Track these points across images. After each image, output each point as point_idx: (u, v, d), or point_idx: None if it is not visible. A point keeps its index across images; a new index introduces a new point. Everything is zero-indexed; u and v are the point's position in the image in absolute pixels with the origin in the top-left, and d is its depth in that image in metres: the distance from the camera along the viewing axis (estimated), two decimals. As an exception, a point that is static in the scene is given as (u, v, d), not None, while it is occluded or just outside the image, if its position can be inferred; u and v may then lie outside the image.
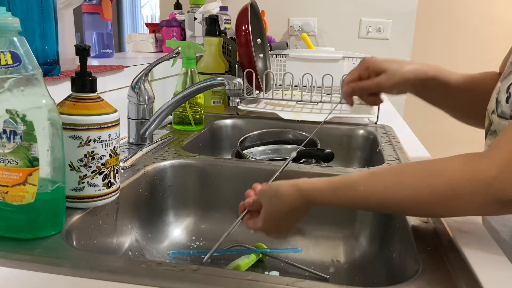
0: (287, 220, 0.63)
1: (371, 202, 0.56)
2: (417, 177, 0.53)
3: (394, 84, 0.75)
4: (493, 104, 0.63)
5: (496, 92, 0.62)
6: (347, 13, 1.87)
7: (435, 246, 0.55)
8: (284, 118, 1.22)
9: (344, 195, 0.57)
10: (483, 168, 0.49)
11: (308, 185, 0.60)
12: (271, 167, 0.86)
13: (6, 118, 0.49)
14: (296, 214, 0.62)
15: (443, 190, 0.50)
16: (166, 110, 0.89)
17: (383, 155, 0.95)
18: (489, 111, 0.65)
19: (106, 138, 0.60)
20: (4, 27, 0.48)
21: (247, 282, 0.46)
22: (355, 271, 0.75)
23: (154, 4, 5.92)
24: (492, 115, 0.62)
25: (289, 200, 0.60)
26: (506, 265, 0.51)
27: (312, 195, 0.59)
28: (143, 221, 0.78)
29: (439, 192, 0.51)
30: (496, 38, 2.71)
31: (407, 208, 0.55)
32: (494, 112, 0.62)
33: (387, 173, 0.57)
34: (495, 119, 0.61)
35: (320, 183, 0.59)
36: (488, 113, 0.65)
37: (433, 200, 0.52)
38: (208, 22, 1.26)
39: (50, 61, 0.74)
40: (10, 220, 0.52)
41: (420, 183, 0.52)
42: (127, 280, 0.46)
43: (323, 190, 0.59)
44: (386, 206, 0.56)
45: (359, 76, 0.78)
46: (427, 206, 0.53)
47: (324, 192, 0.58)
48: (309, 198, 0.59)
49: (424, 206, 0.53)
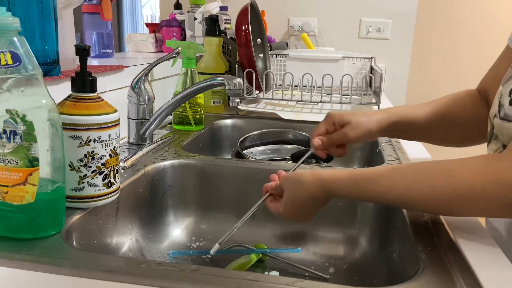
0: (307, 207, 0.64)
1: (389, 197, 0.57)
2: (437, 176, 0.54)
3: (358, 135, 0.78)
4: (495, 108, 0.63)
5: (498, 96, 0.63)
6: (347, 13, 1.87)
7: (435, 246, 0.55)
8: (284, 118, 1.22)
9: (363, 189, 0.59)
10: (503, 169, 0.49)
11: (329, 176, 0.61)
12: (271, 167, 0.86)
13: (6, 118, 0.49)
14: (316, 203, 0.64)
15: (462, 190, 0.51)
16: (166, 110, 0.89)
17: (383, 155, 0.95)
18: (491, 116, 0.65)
19: (106, 138, 0.60)
20: (4, 27, 0.48)
21: (247, 282, 0.46)
22: (355, 271, 0.75)
23: (154, 4, 5.93)
24: (494, 119, 0.63)
25: (311, 189, 0.62)
26: (506, 265, 0.51)
27: (332, 186, 0.61)
28: (143, 221, 0.78)
29: (458, 192, 0.51)
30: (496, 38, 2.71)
31: (426, 206, 0.56)
32: (496, 116, 0.62)
33: (408, 170, 0.57)
34: (497, 122, 0.61)
35: (341, 175, 0.61)
36: (490, 118, 0.65)
37: (452, 200, 0.52)
38: (208, 22, 1.26)
39: (50, 61, 0.74)
40: (10, 220, 0.52)
41: (439, 182, 0.53)
42: (127, 280, 0.46)
43: (343, 182, 0.60)
44: (404, 202, 0.57)
45: (326, 130, 0.81)
46: (446, 205, 0.53)
47: (344, 184, 0.60)
48: (329, 189, 0.61)
49: (442, 205, 0.53)
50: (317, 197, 0.63)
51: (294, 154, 1.04)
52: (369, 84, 1.49)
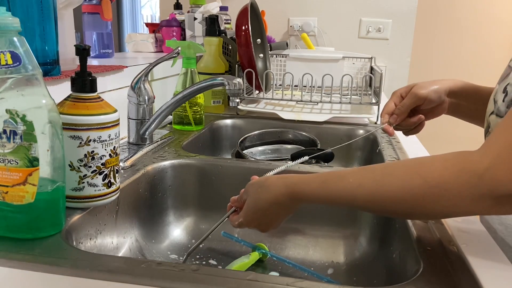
0: (270, 213, 0.61)
1: (359, 194, 0.54)
2: (407, 168, 0.52)
3: (428, 92, 0.76)
4: (491, 106, 0.63)
5: (494, 94, 0.63)
6: (347, 13, 1.87)
7: (435, 246, 0.55)
8: (284, 118, 1.22)
9: (331, 187, 0.56)
10: (475, 159, 0.48)
11: (296, 178, 0.59)
12: (271, 167, 0.86)
13: (6, 118, 0.49)
14: (280, 208, 0.60)
15: (433, 180, 0.49)
16: (166, 110, 0.89)
17: (383, 155, 0.95)
18: (487, 113, 0.65)
19: (106, 138, 0.60)
20: (4, 27, 0.48)
21: (247, 282, 0.46)
22: (355, 271, 0.75)
23: (154, 4, 5.92)
24: (491, 116, 0.63)
25: (275, 191, 0.59)
26: (506, 265, 0.51)
27: (299, 188, 0.58)
28: (143, 221, 0.78)
29: (430, 183, 0.49)
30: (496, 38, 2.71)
31: (397, 202, 0.52)
32: (493, 113, 0.62)
33: (378, 167, 0.56)
34: (493, 119, 0.62)
35: (309, 176, 0.58)
36: (487, 115, 0.65)
37: (424, 193, 0.50)
38: (208, 22, 1.26)
39: (50, 61, 0.74)
40: (10, 220, 0.52)
41: (410, 174, 0.51)
42: (127, 280, 0.46)
43: (310, 182, 0.58)
44: (375, 200, 0.54)
45: (394, 104, 0.80)
46: (418, 199, 0.50)
47: (311, 185, 0.57)
48: (295, 191, 0.58)
49: (414, 199, 0.51)
50: (281, 201, 0.59)
51: (294, 154, 1.04)
52: (369, 84, 1.49)
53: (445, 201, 0.49)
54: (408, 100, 0.77)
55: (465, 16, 2.72)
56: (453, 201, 0.49)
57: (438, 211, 0.52)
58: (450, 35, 2.73)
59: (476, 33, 2.72)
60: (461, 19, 2.72)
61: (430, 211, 0.52)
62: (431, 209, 0.51)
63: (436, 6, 2.70)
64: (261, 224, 0.64)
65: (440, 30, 2.74)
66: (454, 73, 2.69)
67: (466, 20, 2.72)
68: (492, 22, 2.70)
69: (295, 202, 0.59)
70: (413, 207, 0.52)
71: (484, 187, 0.47)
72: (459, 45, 2.73)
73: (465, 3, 2.72)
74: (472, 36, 2.72)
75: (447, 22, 2.73)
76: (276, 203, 0.60)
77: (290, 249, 0.82)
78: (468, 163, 0.48)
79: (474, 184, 0.47)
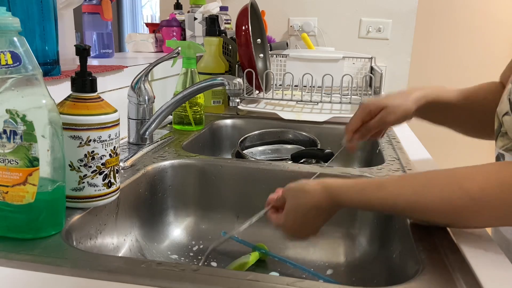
0: (310, 217, 0.61)
1: (398, 204, 0.54)
2: (449, 181, 0.51)
3: (397, 118, 0.75)
4: (504, 106, 0.62)
5: (507, 93, 0.61)
6: (347, 13, 1.87)
7: (435, 246, 0.55)
8: (284, 118, 1.22)
9: (370, 195, 0.56)
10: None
11: (335, 183, 0.59)
12: (271, 167, 0.86)
13: (6, 118, 0.49)
14: (320, 212, 0.60)
15: (475, 194, 0.48)
16: (166, 110, 0.89)
17: (383, 155, 0.95)
18: (499, 114, 0.64)
19: (106, 138, 0.60)
20: (4, 27, 0.48)
21: (247, 282, 0.46)
22: (355, 271, 0.75)
23: (154, 4, 5.92)
24: (505, 116, 0.61)
25: (315, 196, 0.59)
26: (506, 265, 0.50)
27: (338, 193, 0.58)
28: (143, 221, 0.78)
29: (471, 196, 0.49)
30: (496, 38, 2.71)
31: (437, 212, 0.53)
32: (507, 114, 0.61)
33: (417, 176, 0.56)
34: (507, 120, 0.60)
35: (347, 182, 0.58)
36: (498, 115, 0.64)
37: (464, 204, 0.49)
38: (208, 22, 1.26)
39: (50, 61, 0.74)
40: (10, 220, 0.52)
41: (451, 186, 0.51)
42: (127, 280, 0.46)
43: (349, 188, 0.58)
44: (414, 209, 0.54)
45: (361, 121, 0.78)
46: (458, 211, 0.50)
47: (350, 191, 0.58)
48: (335, 196, 0.58)
49: (454, 211, 0.51)
50: (321, 206, 0.59)
51: (294, 154, 1.04)
52: (369, 84, 1.49)
53: (486, 214, 0.49)
54: (375, 124, 0.77)
55: (465, 16, 2.72)
56: (495, 214, 0.49)
57: (480, 223, 0.53)
58: (450, 35, 2.73)
59: (476, 33, 2.72)
60: (461, 19, 2.72)
61: (471, 223, 0.53)
62: (473, 221, 0.52)
63: (436, 6, 2.70)
64: (301, 230, 0.63)
65: (440, 30, 2.74)
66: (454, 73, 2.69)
67: (466, 20, 2.72)
68: (492, 22, 2.70)
69: (334, 207, 0.59)
70: (454, 218, 0.53)
71: None
72: (459, 45, 2.73)
73: (465, 3, 2.72)
74: (472, 36, 2.72)
75: (447, 22, 2.73)
76: (316, 207, 0.60)
77: (290, 249, 0.82)
78: (510, 176, 0.48)
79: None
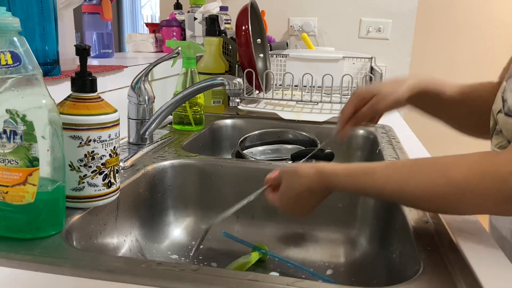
0: (302, 199, 0.64)
1: (385, 189, 0.56)
2: (434, 168, 0.53)
3: (388, 105, 0.76)
4: (498, 104, 0.62)
5: (501, 91, 0.62)
6: (347, 13, 1.87)
7: (435, 246, 0.55)
8: (284, 118, 1.22)
9: (359, 180, 0.58)
10: (500, 162, 0.48)
11: (327, 168, 0.61)
12: (271, 167, 0.86)
13: (6, 118, 0.49)
14: (312, 195, 0.63)
15: (458, 182, 0.50)
16: (166, 110, 0.89)
17: (383, 155, 0.95)
18: (494, 112, 0.64)
19: (106, 138, 0.60)
20: (4, 27, 0.48)
21: (247, 282, 0.46)
22: (355, 271, 0.75)
23: (154, 4, 5.92)
24: (498, 114, 0.62)
25: (307, 179, 0.62)
26: (506, 265, 0.50)
27: (329, 177, 0.60)
28: (143, 221, 0.78)
29: (454, 184, 0.50)
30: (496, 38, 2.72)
31: (421, 199, 0.54)
32: (501, 111, 0.62)
33: (405, 163, 0.58)
34: (501, 118, 0.61)
35: (338, 167, 0.61)
36: (493, 113, 0.65)
37: (447, 192, 0.51)
38: (208, 22, 1.26)
39: (50, 61, 0.74)
40: (10, 220, 0.52)
41: (436, 173, 0.52)
42: (127, 280, 0.46)
43: (339, 173, 0.60)
44: (401, 196, 0.56)
45: (354, 109, 0.79)
46: (441, 197, 0.52)
47: (340, 176, 0.60)
48: (326, 180, 0.61)
49: (438, 197, 0.52)
50: (313, 188, 0.62)
51: (294, 154, 1.04)
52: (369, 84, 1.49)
53: (468, 202, 0.50)
54: (367, 111, 0.77)
55: (465, 16, 2.72)
56: (477, 202, 0.50)
57: (462, 210, 0.55)
58: (450, 35, 2.73)
59: (476, 33, 2.72)
60: (461, 19, 2.73)
61: (454, 209, 0.55)
62: (455, 208, 0.53)
63: (436, 6, 2.70)
64: (295, 209, 0.66)
65: (440, 30, 2.74)
66: (453, 73, 2.69)
67: (466, 20, 2.72)
68: (492, 22, 2.70)
69: (326, 190, 0.62)
70: (439, 205, 0.54)
71: (508, 191, 0.47)
72: (459, 45, 2.73)
73: (465, 3, 2.72)
74: (472, 36, 2.72)
75: (447, 22, 2.74)
76: (309, 190, 0.62)
77: (290, 249, 0.82)
78: (493, 166, 0.49)
79: (499, 187, 0.48)
